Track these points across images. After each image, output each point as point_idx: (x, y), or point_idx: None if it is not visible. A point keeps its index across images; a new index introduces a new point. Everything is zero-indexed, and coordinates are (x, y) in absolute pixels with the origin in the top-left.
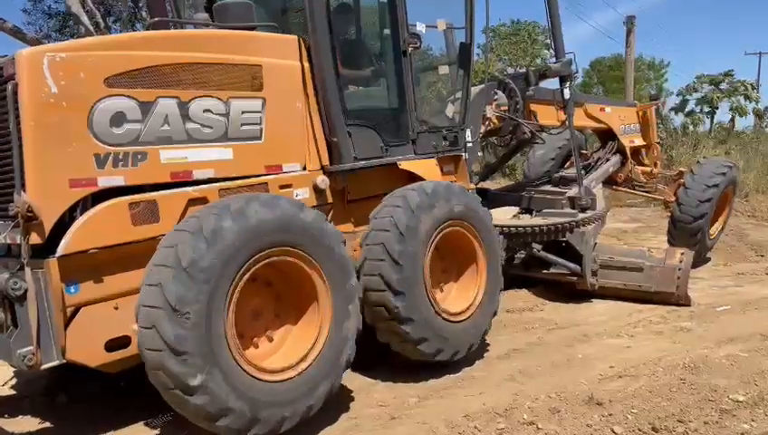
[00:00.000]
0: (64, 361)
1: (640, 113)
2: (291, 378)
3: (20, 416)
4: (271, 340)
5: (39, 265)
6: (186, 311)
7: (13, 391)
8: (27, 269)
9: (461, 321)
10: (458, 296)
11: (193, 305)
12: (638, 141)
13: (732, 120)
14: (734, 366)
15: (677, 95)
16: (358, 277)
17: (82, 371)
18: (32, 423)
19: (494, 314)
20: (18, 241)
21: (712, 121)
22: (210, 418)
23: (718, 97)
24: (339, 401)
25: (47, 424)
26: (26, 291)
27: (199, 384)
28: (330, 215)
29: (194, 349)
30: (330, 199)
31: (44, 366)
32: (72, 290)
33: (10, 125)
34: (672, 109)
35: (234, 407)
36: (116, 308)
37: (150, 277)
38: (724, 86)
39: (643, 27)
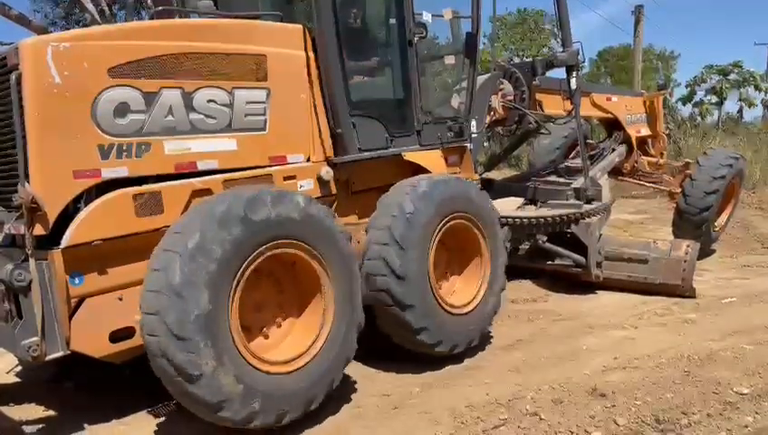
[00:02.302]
0: (69, 352)
1: (647, 103)
2: (294, 370)
3: (25, 403)
4: (276, 330)
5: (43, 257)
6: (190, 296)
7: (18, 379)
8: (31, 260)
9: (463, 314)
10: (461, 290)
11: (198, 291)
12: (645, 131)
13: (740, 110)
14: (738, 359)
15: (686, 86)
16: (362, 263)
17: (87, 359)
18: (37, 410)
19: (496, 311)
20: (22, 232)
21: (720, 112)
22: (210, 408)
23: (727, 88)
24: (342, 391)
25: (52, 411)
26: (30, 282)
27: (201, 373)
28: (334, 206)
29: (197, 336)
30: (334, 191)
31: (49, 357)
32: (77, 281)
33: (14, 116)
34: (680, 99)
35: (235, 398)
36: (120, 299)
37: (156, 262)
38: (732, 77)
39: (652, 17)
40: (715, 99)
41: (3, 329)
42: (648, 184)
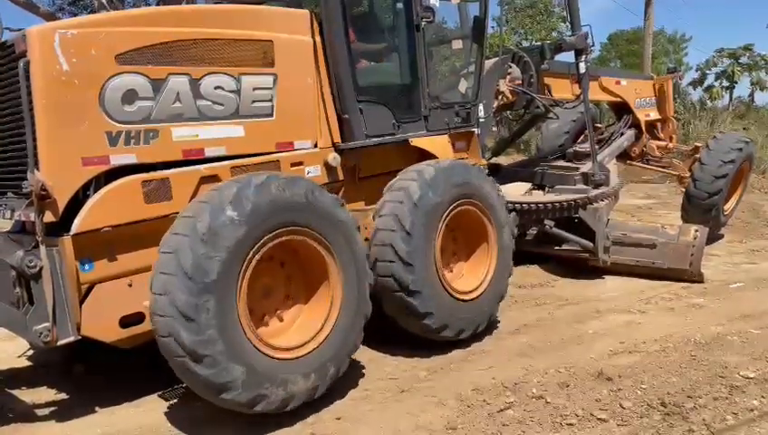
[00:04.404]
0: (79, 337)
1: (657, 86)
2: (299, 357)
3: (36, 387)
4: (284, 316)
5: (53, 243)
6: (199, 278)
7: (30, 362)
8: (42, 247)
9: (469, 300)
10: (468, 275)
11: (207, 274)
12: (654, 115)
13: (751, 94)
14: (745, 343)
15: (696, 70)
16: (369, 248)
17: (98, 344)
18: (49, 394)
19: (503, 297)
20: (32, 219)
21: (731, 96)
22: (215, 389)
23: (738, 71)
24: (349, 375)
25: (63, 395)
26: (41, 268)
27: (207, 354)
28: (341, 192)
29: (205, 317)
30: (341, 177)
31: (60, 342)
32: (87, 267)
33: (22, 103)
34: (690, 83)
35: (239, 381)
36: (130, 285)
37: (166, 245)
38: (744, 60)
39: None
40: (726, 82)
41: (15, 314)
42: (656, 168)
